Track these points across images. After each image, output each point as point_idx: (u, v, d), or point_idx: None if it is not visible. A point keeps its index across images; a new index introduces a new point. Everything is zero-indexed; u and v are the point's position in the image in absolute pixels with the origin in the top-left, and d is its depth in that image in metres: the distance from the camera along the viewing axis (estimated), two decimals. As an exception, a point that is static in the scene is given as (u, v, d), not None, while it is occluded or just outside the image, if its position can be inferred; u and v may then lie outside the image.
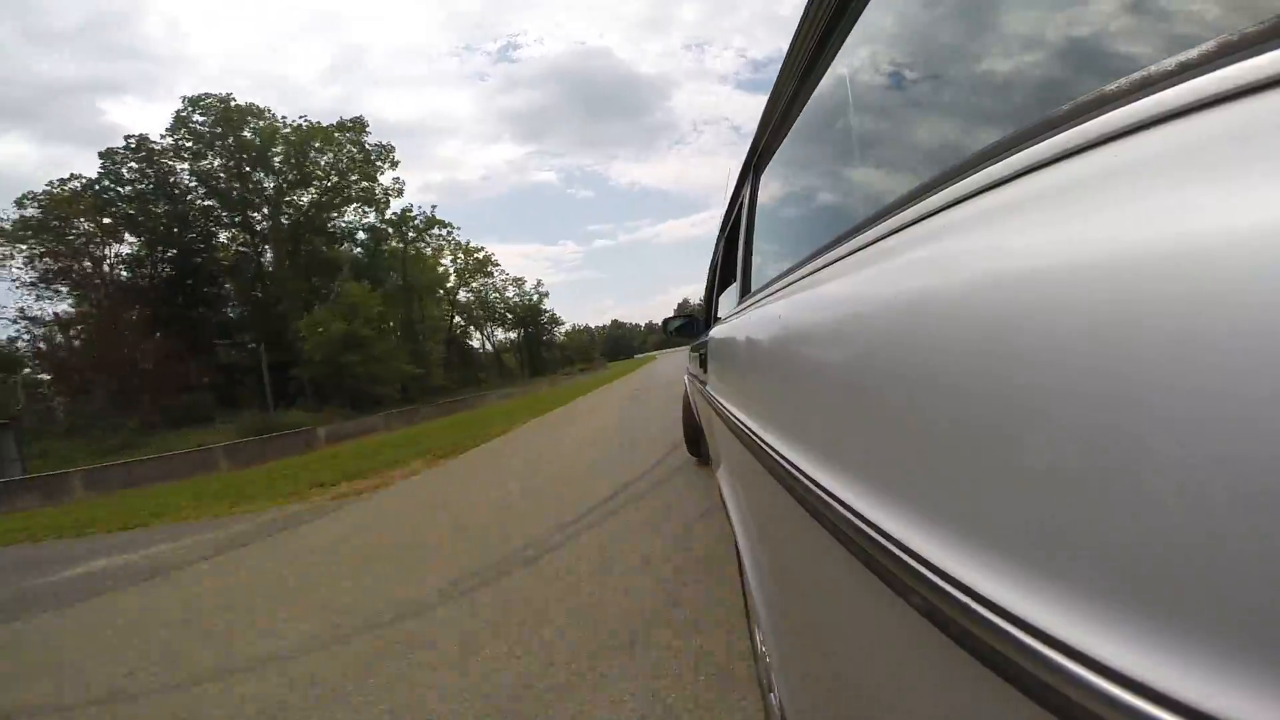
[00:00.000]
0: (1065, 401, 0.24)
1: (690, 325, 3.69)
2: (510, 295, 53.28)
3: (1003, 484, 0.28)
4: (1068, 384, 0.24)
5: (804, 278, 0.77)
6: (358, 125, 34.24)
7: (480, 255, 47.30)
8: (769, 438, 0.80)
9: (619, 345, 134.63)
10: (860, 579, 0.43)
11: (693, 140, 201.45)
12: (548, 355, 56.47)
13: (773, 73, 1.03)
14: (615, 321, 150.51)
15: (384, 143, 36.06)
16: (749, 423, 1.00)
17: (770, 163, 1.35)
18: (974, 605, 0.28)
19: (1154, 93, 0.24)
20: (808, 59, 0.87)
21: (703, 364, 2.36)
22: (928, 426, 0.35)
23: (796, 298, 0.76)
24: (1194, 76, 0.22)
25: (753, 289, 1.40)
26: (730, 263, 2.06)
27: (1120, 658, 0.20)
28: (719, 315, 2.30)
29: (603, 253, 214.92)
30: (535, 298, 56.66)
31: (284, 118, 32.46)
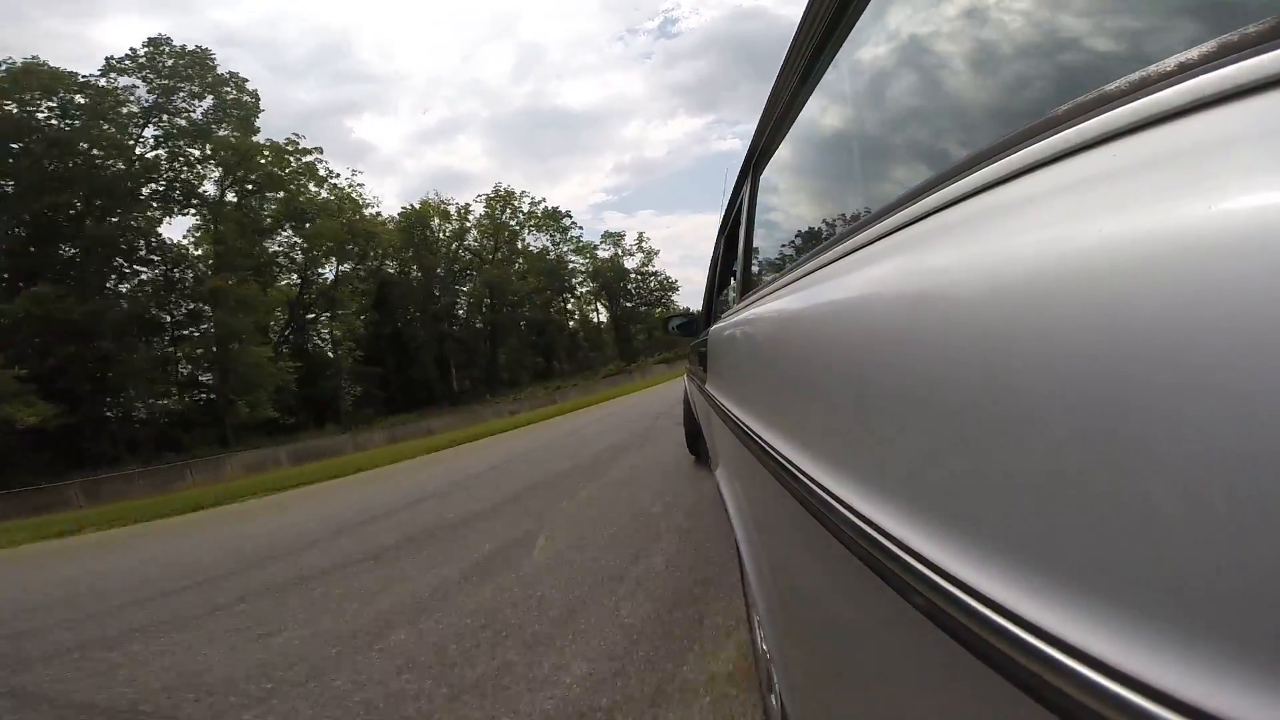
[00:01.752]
0: (1065, 401, 0.24)
1: (690, 324, 3.69)
2: (561, 247, 42.42)
3: (1002, 483, 0.28)
4: (1068, 384, 0.24)
5: (803, 277, 0.77)
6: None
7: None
8: (768, 437, 0.80)
9: None
10: (860, 578, 0.43)
11: None
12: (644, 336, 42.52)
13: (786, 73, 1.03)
14: None
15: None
16: (748, 422, 1.00)
17: (770, 162, 1.35)
18: (975, 604, 0.28)
19: (1153, 93, 0.24)
20: (808, 59, 0.87)
21: (702, 363, 2.36)
22: (927, 425, 0.35)
23: (795, 296, 0.76)
24: (1194, 76, 0.22)
25: (752, 288, 1.40)
26: (730, 262, 2.06)
27: (1122, 657, 0.20)
28: (718, 314, 2.30)
29: None
30: (614, 253, 45.31)
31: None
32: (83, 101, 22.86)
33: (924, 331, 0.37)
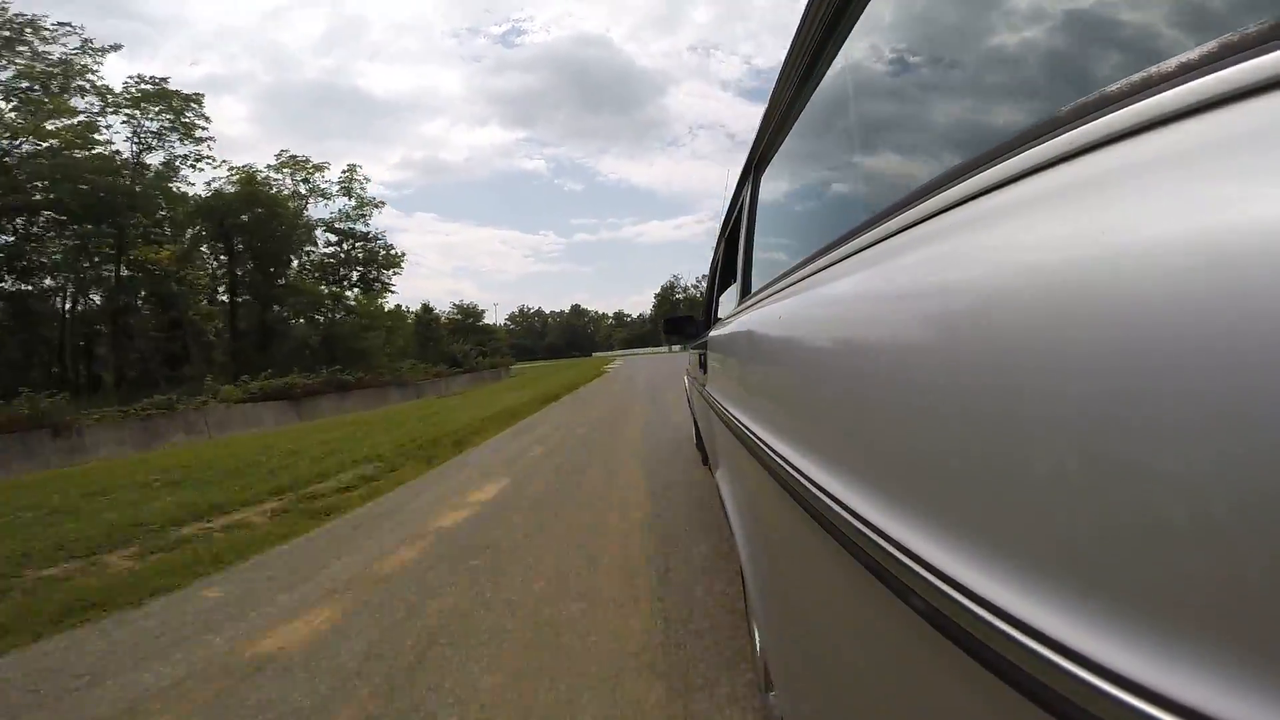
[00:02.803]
0: (1065, 402, 0.24)
1: (689, 325, 3.69)
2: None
3: (1002, 485, 0.28)
4: (1068, 385, 0.24)
5: (804, 278, 0.76)
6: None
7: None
8: (769, 439, 0.80)
9: (576, 338, 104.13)
10: (860, 580, 0.42)
11: (687, 143, 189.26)
12: (361, 343, 21.91)
13: (774, 81, 1.04)
14: (576, 308, 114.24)
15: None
16: (749, 424, 1.00)
17: (771, 163, 1.35)
18: (973, 607, 0.28)
19: (1155, 94, 0.24)
20: (808, 60, 0.87)
21: (702, 364, 2.36)
22: (927, 427, 0.35)
23: (796, 298, 0.76)
24: (1195, 77, 0.22)
25: (753, 289, 1.40)
26: (730, 263, 2.06)
27: (1120, 659, 0.20)
28: (719, 316, 2.30)
29: (581, 246, 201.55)
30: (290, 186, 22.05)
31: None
32: None
33: (924, 333, 0.37)
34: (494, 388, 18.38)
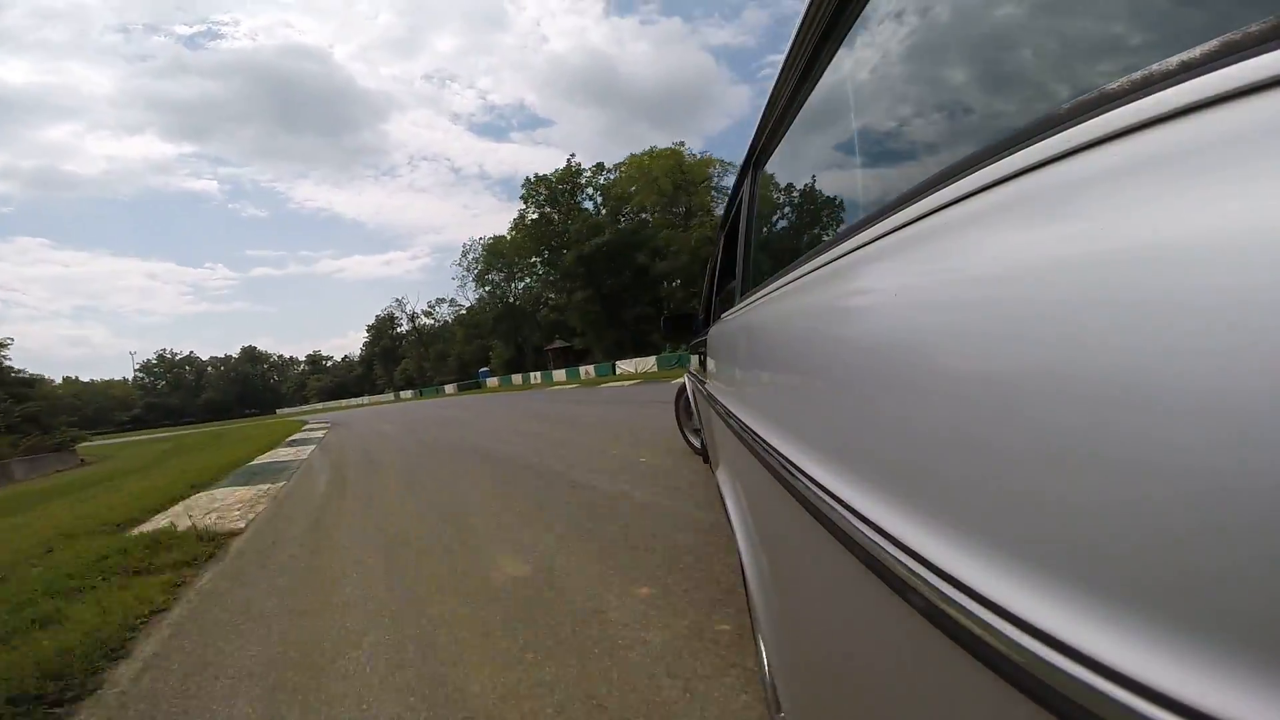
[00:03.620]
0: (1065, 401, 0.24)
1: (689, 324, 3.69)
2: None
3: (1002, 483, 0.28)
4: (1068, 383, 0.24)
5: (803, 276, 0.76)
6: None
7: None
8: (769, 437, 0.80)
9: (251, 391, 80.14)
10: (861, 579, 0.43)
11: (405, 174, 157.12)
12: None
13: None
14: (251, 351, 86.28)
15: None
16: (749, 421, 1.00)
17: (770, 161, 1.35)
18: (974, 605, 0.28)
19: (1154, 93, 0.24)
20: (808, 59, 0.87)
21: (702, 363, 2.36)
22: (927, 425, 0.35)
23: (796, 296, 0.76)
24: (1194, 76, 0.22)
25: (752, 286, 1.40)
26: (730, 260, 2.05)
27: (1120, 658, 0.20)
28: (719, 313, 2.30)
29: (264, 283, 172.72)
30: None
31: None
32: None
33: (924, 331, 0.37)
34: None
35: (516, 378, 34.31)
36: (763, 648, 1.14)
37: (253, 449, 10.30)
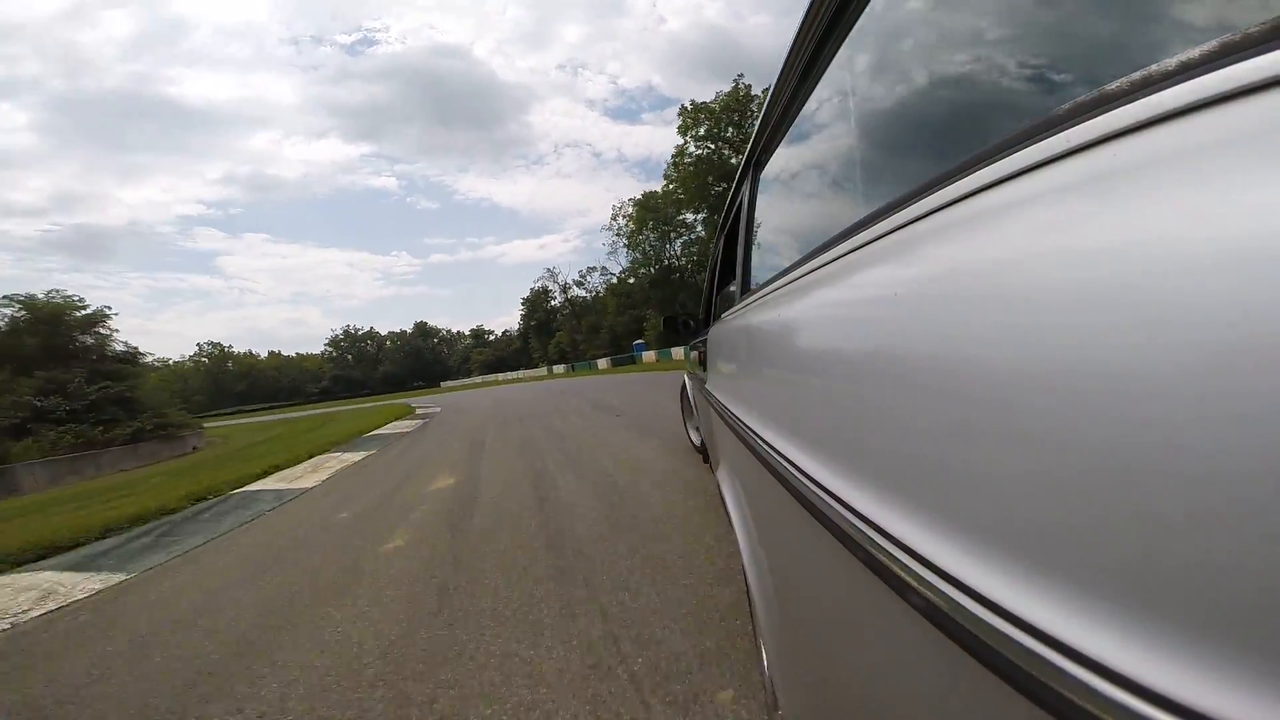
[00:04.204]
0: (1065, 400, 0.24)
1: (689, 324, 3.69)
2: None
3: (1002, 483, 0.28)
4: (1068, 383, 0.24)
5: (803, 276, 0.76)
6: None
7: None
8: (769, 436, 0.80)
9: (422, 364, 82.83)
10: (862, 579, 0.43)
11: (551, 161, 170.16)
12: None
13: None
14: (422, 326, 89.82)
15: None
16: (749, 421, 1.00)
17: (770, 161, 1.35)
18: (975, 606, 0.28)
19: (1154, 92, 0.24)
20: (807, 59, 0.87)
21: (702, 363, 2.36)
22: (928, 425, 0.35)
23: (796, 296, 0.76)
24: (1194, 76, 0.22)
25: (752, 287, 1.40)
26: (730, 260, 2.05)
27: (1120, 658, 0.20)
28: (719, 314, 2.30)
29: (440, 268, 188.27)
30: None
31: None
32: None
33: (924, 331, 0.37)
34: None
35: (676, 351, 26.70)
36: (764, 651, 1.14)
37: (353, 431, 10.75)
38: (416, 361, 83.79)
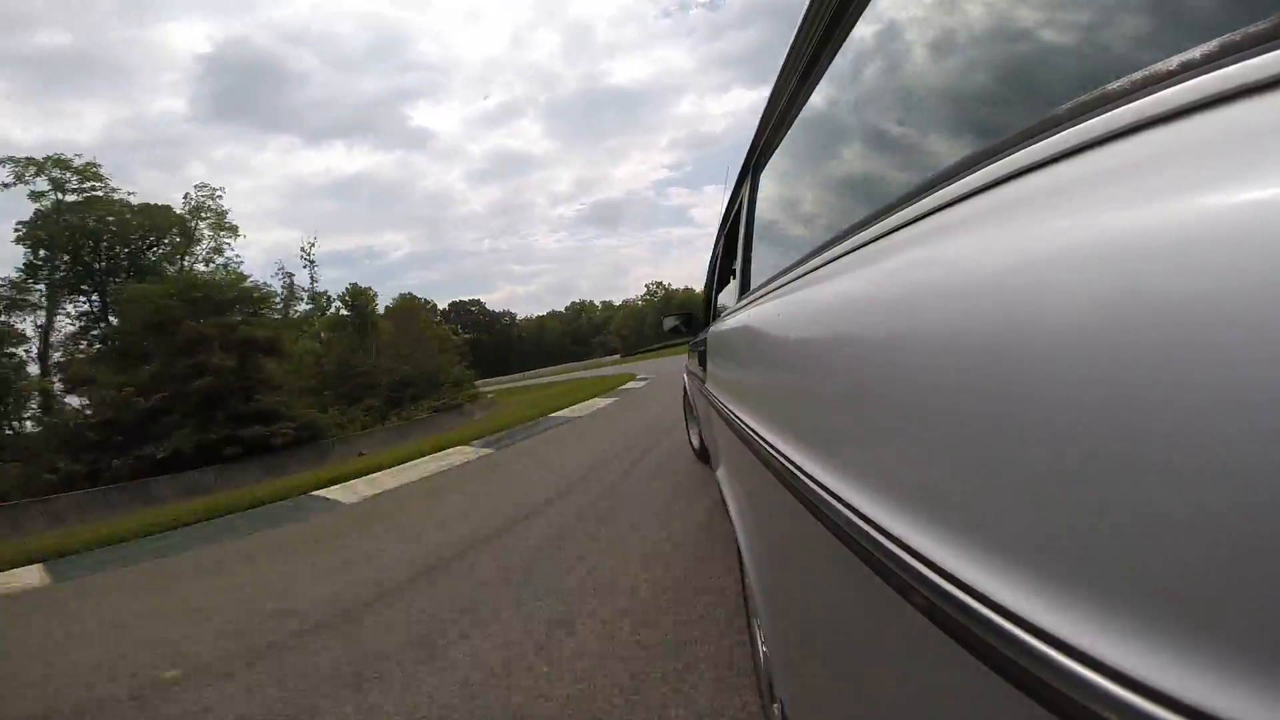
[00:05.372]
0: (1065, 400, 0.24)
1: (689, 323, 3.69)
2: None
3: (1002, 483, 0.28)
4: (1068, 383, 0.24)
5: (803, 276, 0.76)
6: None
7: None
8: (769, 436, 0.80)
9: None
10: (861, 577, 0.43)
11: None
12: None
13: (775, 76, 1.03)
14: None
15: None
16: (748, 421, 1.00)
17: (770, 162, 1.34)
18: (974, 604, 0.28)
19: (1154, 92, 0.24)
20: (808, 59, 0.87)
21: (702, 362, 2.36)
22: (927, 425, 0.35)
23: (795, 296, 0.76)
24: (1194, 76, 0.22)
25: (752, 287, 1.40)
26: (729, 260, 2.05)
27: (1120, 657, 0.20)
28: (718, 313, 2.30)
29: None
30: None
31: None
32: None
33: (924, 331, 0.37)
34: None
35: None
36: (761, 645, 1.14)
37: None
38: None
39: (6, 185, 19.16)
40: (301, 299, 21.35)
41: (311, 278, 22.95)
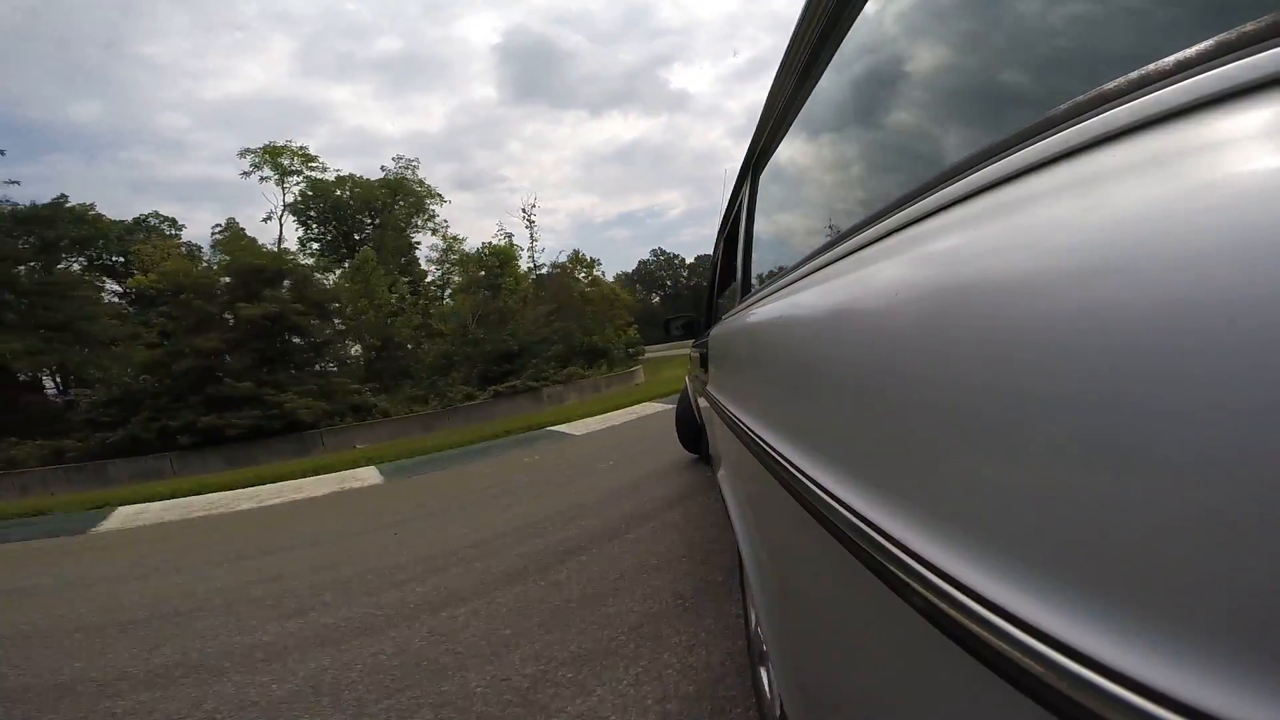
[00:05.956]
0: (1065, 401, 0.24)
1: (691, 325, 3.69)
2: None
3: (1002, 484, 0.28)
4: (1068, 384, 0.24)
5: (803, 277, 0.76)
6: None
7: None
8: (770, 438, 0.80)
9: None
10: (860, 579, 0.42)
11: None
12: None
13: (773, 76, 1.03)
14: None
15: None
16: (749, 423, 1.00)
17: (769, 163, 1.35)
18: (973, 605, 0.28)
19: (1153, 92, 0.24)
20: (807, 59, 0.87)
21: (703, 364, 2.36)
22: (927, 426, 0.35)
23: (796, 297, 0.76)
24: (1193, 76, 0.22)
25: (752, 289, 1.40)
26: (730, 262, 2.05)
27: (1120, 657, 0.20)
28: (719, 315, 2.30)
29: None
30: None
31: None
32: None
33: (924, 332, 0.37)
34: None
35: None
36: (760, 635, 1.13)
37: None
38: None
39: (245, 174, 22.90)
40: (528, 255, 22.70)
41: (532, 237, 27.33)
